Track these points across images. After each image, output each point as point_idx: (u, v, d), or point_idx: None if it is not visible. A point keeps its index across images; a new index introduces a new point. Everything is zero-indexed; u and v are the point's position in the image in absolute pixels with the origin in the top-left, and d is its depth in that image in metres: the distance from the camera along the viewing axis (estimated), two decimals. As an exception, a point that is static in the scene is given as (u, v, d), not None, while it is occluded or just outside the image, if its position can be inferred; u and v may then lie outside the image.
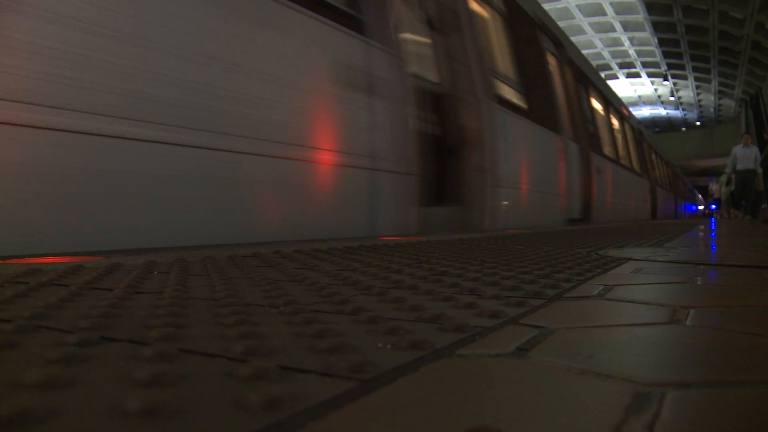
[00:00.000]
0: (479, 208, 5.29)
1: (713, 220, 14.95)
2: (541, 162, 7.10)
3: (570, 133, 8.40)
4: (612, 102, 12.75)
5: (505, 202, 5.74)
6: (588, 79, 10.58)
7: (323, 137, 3.50)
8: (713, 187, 22.94)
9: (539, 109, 7.03)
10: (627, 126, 14.16)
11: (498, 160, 5.50)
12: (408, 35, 4.62)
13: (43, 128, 2.17)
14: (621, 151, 12.63)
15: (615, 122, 12.67)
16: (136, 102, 2.46)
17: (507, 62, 6.33)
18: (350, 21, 3.78)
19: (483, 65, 5.45)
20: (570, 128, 8.46)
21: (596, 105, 10.94)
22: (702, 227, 7.10)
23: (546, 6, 9.71)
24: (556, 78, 8.35)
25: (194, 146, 2.71)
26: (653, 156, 18.71)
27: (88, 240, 2.31)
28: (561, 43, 9.03)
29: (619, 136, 12.84)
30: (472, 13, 5.52)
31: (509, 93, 6.09)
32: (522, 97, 6.45)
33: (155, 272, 1.53)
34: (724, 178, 18.84)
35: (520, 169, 6.32)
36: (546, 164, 7.34)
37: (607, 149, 10.98)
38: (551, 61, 8.31)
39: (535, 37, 7.56)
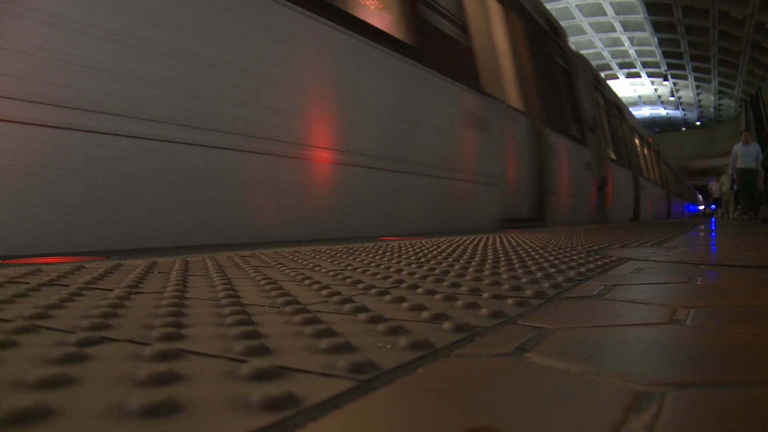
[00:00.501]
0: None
1: (713, 220, 14.68)
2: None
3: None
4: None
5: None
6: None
7: (462, 164, 5.69)
8: (713, 186, 21.94)
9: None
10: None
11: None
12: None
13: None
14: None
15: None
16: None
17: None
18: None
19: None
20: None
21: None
22: (702, 227, 7.10)
23: (546, 6, 9.54)
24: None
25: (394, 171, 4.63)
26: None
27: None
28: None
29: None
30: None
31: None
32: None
33: (155, 272, 1.53)
34: (725, 177, 18.46)
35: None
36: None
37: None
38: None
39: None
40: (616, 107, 13.56)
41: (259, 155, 3.25)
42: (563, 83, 9.09)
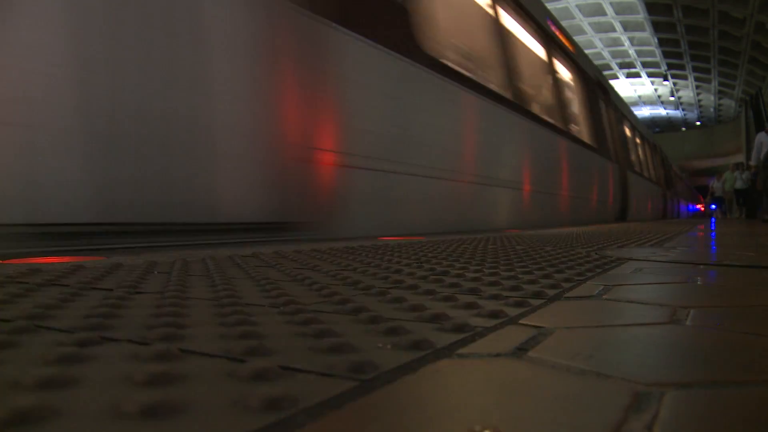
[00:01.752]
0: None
1: (713, 220, 14.50)
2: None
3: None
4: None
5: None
6: None
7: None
8: (714, 185, 20.74)
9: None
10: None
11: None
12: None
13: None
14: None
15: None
16: None
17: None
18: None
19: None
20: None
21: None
22: (702, 227, 7.10)
23: (546, 6, 9.74)
24: None
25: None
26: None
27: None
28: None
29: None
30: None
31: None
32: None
33: (155, 272, 1.53)
34: (728, 175, 17.92)
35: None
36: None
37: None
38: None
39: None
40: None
41: (438, 180, 5.14)
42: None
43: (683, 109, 37.85)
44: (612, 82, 26.91)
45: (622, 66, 30.28)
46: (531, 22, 8.04)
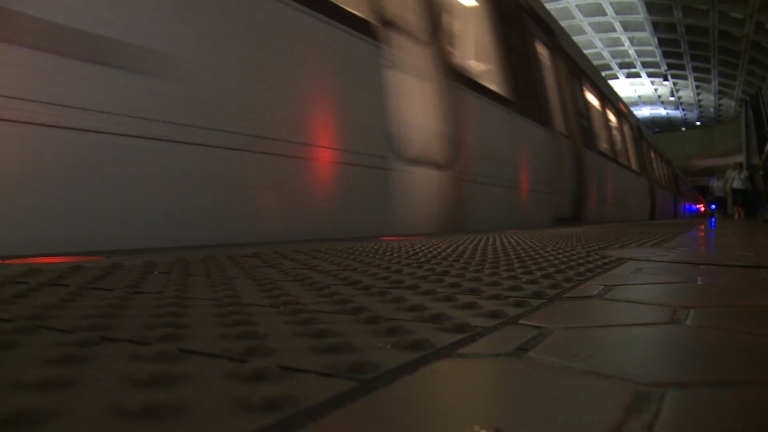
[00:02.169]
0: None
1: (713, 220, 14.36)
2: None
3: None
4: None
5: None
6: None
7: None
8: (715, 184, 19.67)
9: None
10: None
11: None
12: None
13: None
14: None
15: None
16: None
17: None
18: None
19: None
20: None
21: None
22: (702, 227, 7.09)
23: (546, 6, 9.56)
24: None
25: None
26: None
27: None
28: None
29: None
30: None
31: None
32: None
33: (155, 272, 1.53)
34: (730, 173, 16.82)
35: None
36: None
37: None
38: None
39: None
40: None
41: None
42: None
43: (683, 109, 37.84)
44: (612, 82, 26.92)
45: (622, 66, 30.28)
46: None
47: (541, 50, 8.34)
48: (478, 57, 6.58)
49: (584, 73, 10.96)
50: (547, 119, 7.85)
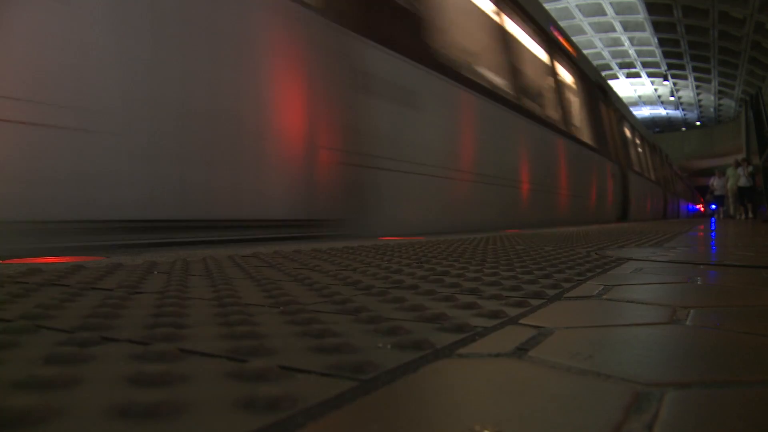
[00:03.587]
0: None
1: (713, 220, 14.19)
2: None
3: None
4: None
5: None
6: None
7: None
8: (716, 183, 18.72)
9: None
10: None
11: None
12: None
13: None
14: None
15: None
16: None
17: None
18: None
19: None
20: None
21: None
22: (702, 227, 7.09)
23: (546, 6, 9.74)
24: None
25: None
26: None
27: None
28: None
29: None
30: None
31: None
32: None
33: (155, 272, 1.53)
34: (731, 171, 16.17)
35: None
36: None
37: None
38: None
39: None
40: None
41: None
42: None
43: (683, 109, 37.84)
44: (612, 82, 26.91)
45: (622, 66, 30.28)
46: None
47: (603, 107, 12.18)
48: (579, 121, 10.26)
49: (624, 116, 15.18)
50: (610, 155, 11.91)
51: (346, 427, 0.46)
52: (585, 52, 12.78)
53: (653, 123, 39.45)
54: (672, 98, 35.14)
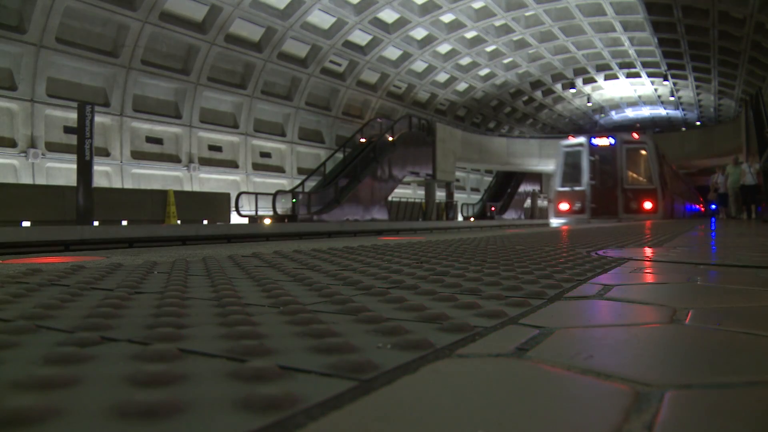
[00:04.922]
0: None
1: (713, 220, 14.16)
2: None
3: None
4: None
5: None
6: None
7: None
8: (718, 180, 17.63)
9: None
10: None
11: None
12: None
13: None
14: None
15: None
16: None
17: None
18: None
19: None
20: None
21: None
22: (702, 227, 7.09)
23: (546, 6, 9.81)
24: None
25: None
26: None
27: None
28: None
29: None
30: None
31: None
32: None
33: (155, 272, 1.53)
34: (731, 168, 16.29)
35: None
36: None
37: None
38: None
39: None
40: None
41: None
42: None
43: (683, 109, 37.84)
44: (612, 82, 26.83)
45: (622, 66, 30.25)
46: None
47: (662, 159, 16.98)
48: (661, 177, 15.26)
49: (664, 156, 19.07)
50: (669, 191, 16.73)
51: (346, 427, 0.46)
52: (585, 51, 12.90)
53: (653, 123, 39.45)
54: (672, 98, 35.14)
